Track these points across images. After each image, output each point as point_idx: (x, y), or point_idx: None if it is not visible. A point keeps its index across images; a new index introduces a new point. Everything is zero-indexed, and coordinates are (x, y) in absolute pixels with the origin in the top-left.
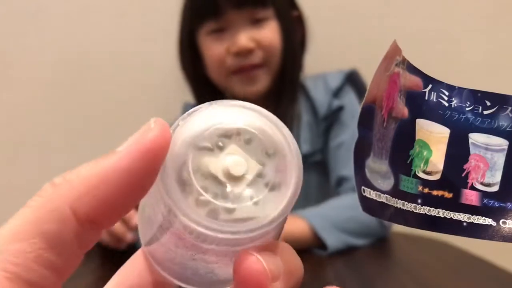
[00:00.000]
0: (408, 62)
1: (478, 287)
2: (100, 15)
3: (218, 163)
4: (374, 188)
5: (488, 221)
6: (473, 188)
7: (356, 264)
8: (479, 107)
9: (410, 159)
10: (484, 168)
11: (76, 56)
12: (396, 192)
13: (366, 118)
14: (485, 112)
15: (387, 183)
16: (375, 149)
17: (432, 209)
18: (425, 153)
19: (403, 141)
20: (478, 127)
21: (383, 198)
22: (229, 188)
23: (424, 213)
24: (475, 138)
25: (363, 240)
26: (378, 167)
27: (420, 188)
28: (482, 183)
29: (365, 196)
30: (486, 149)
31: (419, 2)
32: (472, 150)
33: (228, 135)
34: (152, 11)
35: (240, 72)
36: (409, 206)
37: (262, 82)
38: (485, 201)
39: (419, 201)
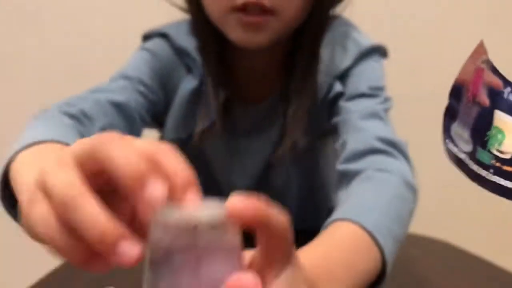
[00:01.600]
0: (491, 63)
1: (478, 287)
2: (100, 15)
3: None
4: (456, 145)
5: None
6: None
7: None
8: None
9: (487, 138)
10: None
11: (77, 56)
12: (472, 158)
13: (456, 93)
14: None
15: (467, 147)
16: (460, 119)
17: (502, 179)
18: (499, 136)
19: (483, 124)
20: None
21: (462, 156)
22: None
23: (494, 181)
24: None
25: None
26: (461, 132)
27: (493, 161)
28: None
29: (448, 147)
30: None
31: (419, 2)
32: None
33: None
34: (153, 12)
35: (243, 11)
36: (482, 172)
37: (269, 32)
38: None
39: (491, 171)
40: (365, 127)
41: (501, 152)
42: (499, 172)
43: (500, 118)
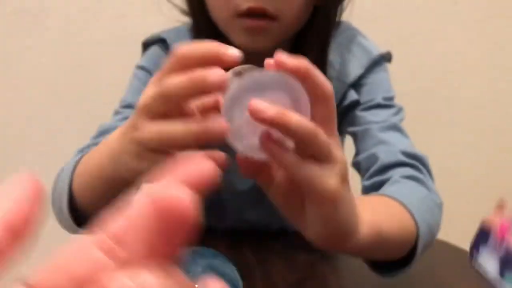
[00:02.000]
0: None
1: (478, 287)
2: (101, 15)
3: None
4: (484, 268)
5: None
6: None
7: (354, 262)
8: None
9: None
10: None
11: (78, 57)
12: (502, 276)
13: (482, 236)
14: None
15: (495, 269)
16: (488, 253)
17: None
18: None
19: (508, 263)
20: None
21: (490, 277)
22: None
23: None
24: None
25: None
26: (490, 260)
27: None
28: None
29: (477, 269)
30: None
31: (418, 2)
32: None
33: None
34: (153, 12)
35: (247, 16)
36: None
37: (271, 37)
38: None
39: None
40: (388, 140)
41: None
42: None
43: None
